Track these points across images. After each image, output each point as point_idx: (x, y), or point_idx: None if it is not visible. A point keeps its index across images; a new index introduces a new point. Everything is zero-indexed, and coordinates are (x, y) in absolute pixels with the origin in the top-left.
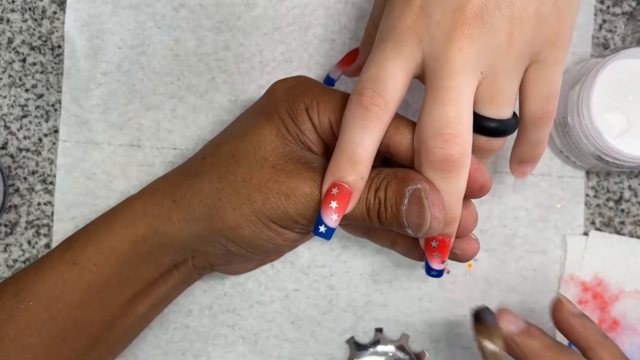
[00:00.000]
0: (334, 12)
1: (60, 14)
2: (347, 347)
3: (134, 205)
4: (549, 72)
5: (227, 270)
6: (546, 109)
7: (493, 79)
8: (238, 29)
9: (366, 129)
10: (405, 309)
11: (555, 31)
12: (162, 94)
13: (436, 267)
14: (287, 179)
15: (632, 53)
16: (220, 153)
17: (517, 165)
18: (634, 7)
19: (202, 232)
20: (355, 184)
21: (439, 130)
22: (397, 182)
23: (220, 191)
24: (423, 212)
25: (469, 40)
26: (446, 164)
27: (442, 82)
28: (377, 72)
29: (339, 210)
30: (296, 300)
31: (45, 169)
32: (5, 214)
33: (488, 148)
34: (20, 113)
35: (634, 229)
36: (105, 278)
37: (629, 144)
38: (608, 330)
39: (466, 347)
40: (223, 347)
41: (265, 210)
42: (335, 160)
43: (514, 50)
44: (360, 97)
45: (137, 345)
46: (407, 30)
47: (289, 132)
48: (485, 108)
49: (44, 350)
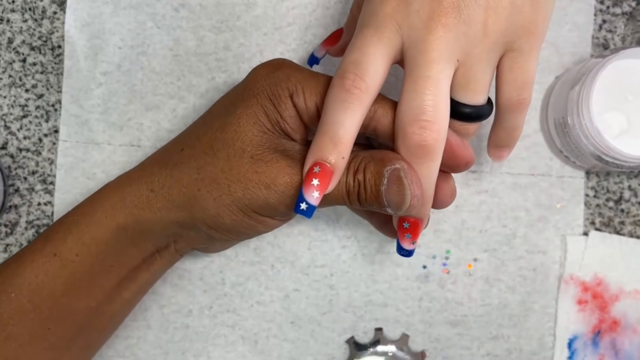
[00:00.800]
0: (334, 12)
1: (61, 14)
2: (347, 347)
3: (112, 196)
4: (523, 60)
5: (209, 251)
6: (521, 95)
7: (469, 66)
8: (238, 29)
9: (348, 111)
10: (405, 309)
11: (529, 20)
12: (162, 94)
13: (407, 246)
14: (266, 169)
15: (632, 53)
16: (199, 145)
17: (494, 149)
18: (633, 7)
19: (183, 220)
20: (336, 164)
21: (416, 117)
22: (375, 164)
23: (200, 182)
24: (403, 191)
25: (446, 30)
26: (421, 150)
27: (420, 70)
28: (359, 57)
29: (320, 187)
30: (296, 300)
31: (45, 169)
32: (5, 214)
33: (463, 132)
34: (20, 113)
35: (634, 229)
36: (87, 267)
37: (628, 144)
38: (608, 330)
39: (466, 347)
40: (223, 347)
41: (245, 200)
42: (317, 141)
43: (489, 40)
44: (343, 80)
45: (137, 345)
46: (388, 17)
47: (269, 119)
48: (460, 94)
49: (28, 339)
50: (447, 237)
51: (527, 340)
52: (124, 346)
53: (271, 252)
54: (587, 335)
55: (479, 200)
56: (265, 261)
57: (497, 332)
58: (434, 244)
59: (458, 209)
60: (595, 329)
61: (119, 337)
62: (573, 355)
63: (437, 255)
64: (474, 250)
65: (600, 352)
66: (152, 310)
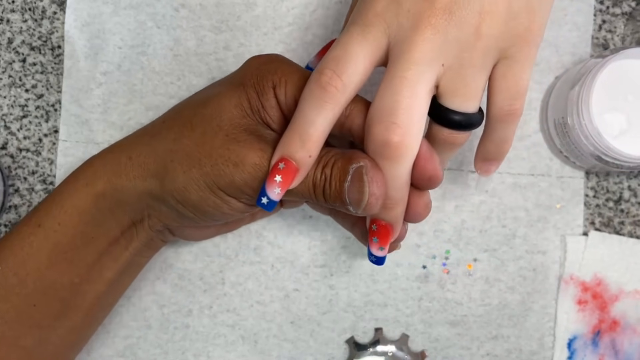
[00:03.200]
0: (334, 12)
1: (60, 14)
2: (347, 347)
3: (94, 164)
4: (517, 68)
5: (184, 236)
6: (513, 105)
7: (457, 71)
8: (238, 29)
9: (321, 109)
10: (405, 309)
11: (525, 28)
12: (162, 94)
13: (375, 252)
14: (237, 148)
15: (632, 53)
16: (180, 117)
17: (481, 163)
18: (633, 8)
19: (155, 190)
20: (302, 161)
21: (384, 117)
22: (343, 160)
23: (174, 153)
24: (362, 188)
25: (434, 31)
26: (386, 150)
27: (397, 70)
28: (340, 54)
29: (282, 184)
30: (296, 300)
31: (45, 169)
32: (5, 214)
33: (451, 141)
34: (20, 113)
35: (634, 229)
36: (69, 238)
37: (628, 144)
38: (608, 330)
39: (466, 347)
40: (223, 347)
41: (212, 175)
42: (286, 136)
43: (481, 44)
44: (320, 76)
45: (137, 345)
46: (377, 16)
47: (250, 106)
48: (448, 100)
49: (15, 315)
50: (447, 237)
51: (527, 340)
52: (124, 346)
53: (271, 252)
54: (587, 336)
55: (479, 200)
56: (265, 261)
57: (497, 332)
58: (433, 244)
59: (458, 209)
60: (595, 329)
61: (119, 336)
62: (573, 355)
63: (437, 255)
64: (473, 250)
65: (600, 352)
66: (152, 310)
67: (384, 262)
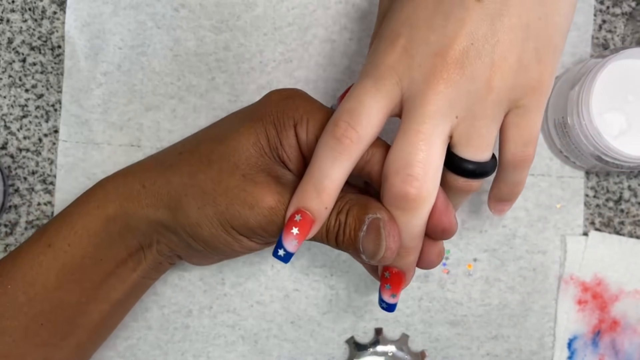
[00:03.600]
0: (334, 13)
1: (60, 14)
2: (347, 347)
3: (106, 187)
4: (529, 117)
5: (191, 262)
6: (526, 152)
7: (470, 122)
8: (238, 29)
9: (336, 161)
10: (405, 309)
11: (536, 78)
12: (162, 94)
13: (387, 299)
14: (254, 189)
15: (632, 53)
16: (197, 151)
17: (495, 204)
18: (633, 8)
19: (166, 221)
20: (318, 213)
21: (401, 169)
22: (358, 209)
23: (188, 187)
24: (379, 241)
25: (446, 85)
26: (402, 202)
27: (412, 124)
28: (355, 106)
29: (299, 237)
30: (296, 300)
31: (45, 169)
32: (5, 214)
33: (466, 189)
34: (20, 113)
35: (634, 229)
36: (78, 259)
37: (628, 144)
38: (608, 330)
39: (466, 347)
40: (223, 347)
41: (227, 215)
42: (302, 187)
43: (493, 96)
44: (335, 128)
45: (137, 346)
46: (389, 69)
47: (269, 144)
48: (463, 150)
49: (22, 334)
50: None
51: (527, 340)
52: (124, 347)
53: (271, 252)
54: (587, 336)
55: (479, 200)
56: (265, 261)
57: (497, 332)
58: None
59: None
60: (595, 329)
61: (119, 337)
62: (573, 355)
63: None
64: (473, 250)
65: (600, 352)
66: (152, 310)
67: (395, 309)
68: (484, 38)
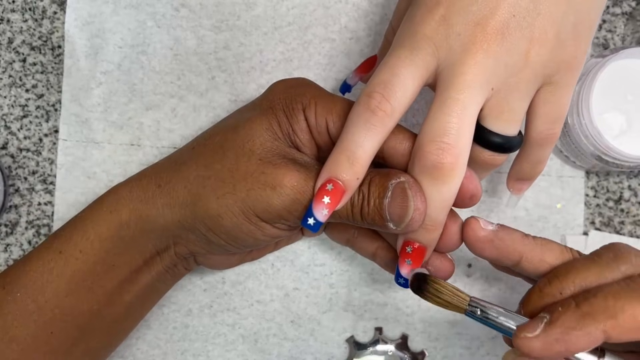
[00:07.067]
0: (334, 12)
1: (61, 14)
2: (347, 346)
3: (120, 191)
4: (560, 94)
5: (209, 264)
6: (552, 130)
7: (504, 95)
8: (238, 29)
9: (369, 132)
10: (405, 308)
11: (571, 54)
12: (163, 93)
13: (405, 274)
14: (273, 170)
15: (632, 53)
16: (210, 143)
17: (514, 182)
18: (633, 7)
19: (184, 219)
20: (350, 183)
21: (437, 137)
22: (380, 177)
23: (206, 179)
24: (406, 202)
25: (485, 56)
26: (436, 171)
27: (450, 92)
28: (389, 78)
29: (330, 205)
30: (296, 299)
31: (45, 169)
32: (6, 214)
33: (490, 162)
34: (20, 113)
35: (634, 229)
36: (90, 265)
37: (628, 144)
38: None
39: (466, 347)
40: (223, 346)
41: (248, 201)
42: (334, 157)
43: (529, 70)
44: (369, 99)
45: (136, 346)
46: (426, 38)
47: (281, 129)
48: (493, 123)
49: (31, 342)
50: None
51: None
52: (123, 346)
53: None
54: None
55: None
56: (265, 260)
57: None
58: None
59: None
60: None
61: None
62: None
63: None
64: None
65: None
66: (151, 310)
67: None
68: (525, 10)
